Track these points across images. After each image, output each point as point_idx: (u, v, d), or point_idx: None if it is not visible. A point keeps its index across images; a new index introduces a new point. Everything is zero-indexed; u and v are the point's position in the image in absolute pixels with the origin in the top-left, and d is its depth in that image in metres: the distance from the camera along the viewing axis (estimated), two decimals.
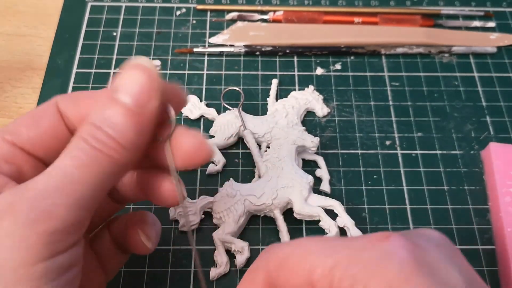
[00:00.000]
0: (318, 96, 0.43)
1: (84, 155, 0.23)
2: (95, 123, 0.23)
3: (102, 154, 0.23)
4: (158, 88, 0.24)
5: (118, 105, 0.23)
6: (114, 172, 0.24)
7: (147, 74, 0.23)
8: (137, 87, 0.23)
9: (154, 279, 0.35)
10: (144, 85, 0.23)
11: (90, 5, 0.50)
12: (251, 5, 0.51)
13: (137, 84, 0.23)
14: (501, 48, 0.49)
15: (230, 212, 0.35)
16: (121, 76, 0.24)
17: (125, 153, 0.23)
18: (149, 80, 0.23)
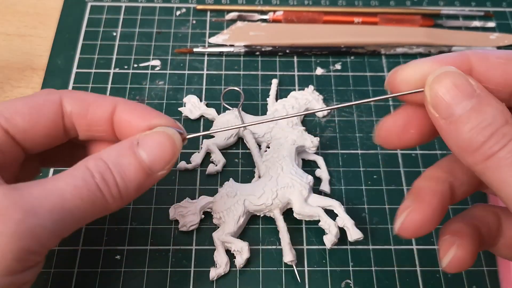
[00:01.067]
0: (318, 96, 0.43)
1: (86, 189, 0.23)
2: (108, 164, 0.24)
3: (101, 195, 0.24)
4: (173, 163, 0.26)
5: (136, 159, 0.25)
6: (99, 214, 0.25)
7: (173, 150, 0.26)
8: (159, 155, 0.25)
9: (154, 279, 0.35)
10: (166, 157, 0.25)
11: (90, 5, 0.50)
12: (251, 5, 0.51)
13: (161, 152, 0.25)
14: (501, 48, 0.49)
15: (230, 212, 0.35)
16: (151, 137, 0.25)
17: (118, 203, 0.25)
18: (172, 155, 0.26)
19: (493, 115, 0.20)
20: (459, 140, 0.20)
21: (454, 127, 0.20)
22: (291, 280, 0.35)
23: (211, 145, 0.40)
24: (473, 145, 0.20)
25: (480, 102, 0.20)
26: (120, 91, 0.44)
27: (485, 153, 0.20)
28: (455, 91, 0.20)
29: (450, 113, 0.20)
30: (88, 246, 0.36)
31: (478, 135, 0.20)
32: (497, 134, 0.20)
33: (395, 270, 0.36)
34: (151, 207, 0.38)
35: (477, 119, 0.20)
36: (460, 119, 0.20)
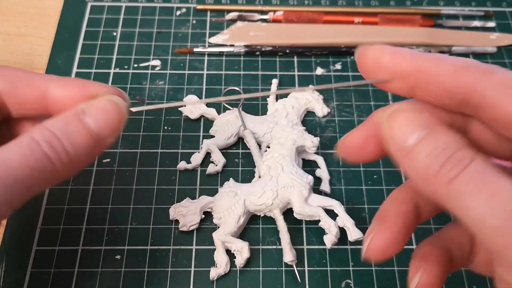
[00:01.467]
0: (318, 96, 0.43)
1: (33, 157, 0.23)
2: (56, 133, 0.24)
3: (50, 163, 0.24)
4: (120, 130, 0.26)
5: (83, 127, 0.25)
6: (50, 181, 0.25)
7: (120, 117, 0.26)
8: (106, 122, 0.25)
9: (154, 279, 0.35)
10: (113, 124, 0.25)
11: (90, 5, 0.50)
12: (251, 5, 0.51)
13: (108, 119, 0.25)
14: (501, 48, 0.49)
15: (230, 212, 0.35)
16: (96, 105, 0.25)
17: (69, 170, 0.25)
18: (118, 122, 0.26)
19: (446, 141, 0.20)
20: (417, 169, 0.20)
21: (410, 157, 0.21)
22: (291, 280, 0.35)
23: (211, 145, 0.40)
24: (430, 172, 0.20)
25: (433, 131, 0.21)
26: None
27: (443, 179, 0.19)
28: (409, 123, 0.21)
29: (405, 144, 0.21)
30: (88, 246, 0.36)
31: (434, 161, 0.20)
32: (453, 158, 0.19)
33: (395, 270, 0.36)
34: (151, 207, 0.38)
35: (430, 145, 0.20)
36: (415, 148, 0.20)
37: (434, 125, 0.21)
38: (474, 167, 0.19)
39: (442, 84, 0.22)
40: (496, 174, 0.19)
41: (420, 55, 0.23)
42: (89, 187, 0.39)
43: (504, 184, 0.18)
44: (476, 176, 0.19)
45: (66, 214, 0.37)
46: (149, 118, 0.42)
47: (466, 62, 0.22)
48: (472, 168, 0.19)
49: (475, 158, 0.19)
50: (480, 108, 0.22)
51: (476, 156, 0.20)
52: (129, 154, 0.40)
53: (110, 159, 0.40)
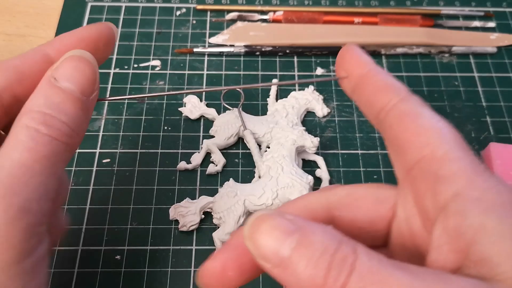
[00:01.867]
0: (318, 96, 0.43)
1: (40, 146, 0.22)
2: (45, 111, 0.23)
3: (58, 142, 0.23)
4: (98, 79, 0.25)
5: (66, 94, 0.24)
6: (68, 158, 0.24)
7: (90, 66, 0.25)
8: (83, 78, 0.24)
9: (154, 279, 0.35)
10: (89, 75, 0.24)
11: (90, 5, 0.50)
12: (251, 5, 0.51)
13: (83, 75, 0.24)
14: (501, 48, 0.49)
15: (230, 212, 0.35)
16: (63, 67, 0.24)
17: (77, 138, 0.24)
18: (92, 71, 0.25)
19: (322, 242, 0.17)
20: (301, 283, 0.17)
21: (290, 271, 0.17)
22: None
23: (211, 145, 0.40)
24: (317, 283, 0.17)
25: (304, 234, 0.18)
26: (120, 91, 0.44)
27: (335, 284, 0.17)
28: (275, 232, 0.18)
29: (279, 258, 0.18)
30: (88, 246, 0.36)
31: (316, 270, 0.17)
32: (335, 261, 0.17)
33: None
34: (151, 207, 0.38)
35: (307, 252, 0.17)
36: (291, 259, 0.17)
37: (303, 225, 0.18)
38: (361, 266, 0.17)
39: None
40: (385, 267, 0.17)
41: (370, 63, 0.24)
42: (89, 187, 0.39)
43: (398, 278, 0.16)
44: (366, 277, 0.17)
45: (66, 214, 0.37)
46: (149, 118, 0.42)
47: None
48: (359, 269, 0.17)
49: (358, 254, 0.17)
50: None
51: (358, 251, 0.17)
52: (129, 154, 0.40)
53: (110, 159, 0.40)
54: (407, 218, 0.22)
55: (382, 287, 0.16)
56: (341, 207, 0.23)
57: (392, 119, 0.22)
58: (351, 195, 0.23)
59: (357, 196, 0.23)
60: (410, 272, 0.17)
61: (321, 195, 0.24)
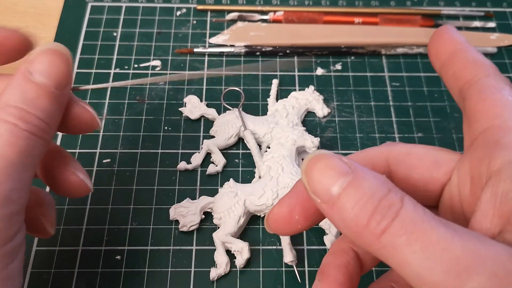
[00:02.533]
0: (319, 97, 0.43)
1: (20, 140, 0.23)
2: (22, 106, 0.24)
3: (35, 137, 0.24)
4: (71, 72, 0.26)
5: (41, 89, 0.24)
6: (44, 150, 0.25)
7: (65, 60, 0.25)
8: (58, 73, 0.25)
9: (154, 279, 0.35)
10: (64, 70, 0.25)
11: (91, 5, 0.50)
12: (251, 5, 0.51)
13: (58, 69, 0.25)
14: (501, 49, 0.49)
15: (230, 212, 0.35)
16: (38, 61, 0.25)
17: (52, 133, 0.25)
18: (67, 65, 0.25)
19: (372, 187, 0.18)
20: (346, 221, 0.18)
21: (337, 209, 0.19)
22: (291, 281, 0.35)
23: (212, 146, 0.40)
24: (360, 224, 0.18)
25: (356, 177, 0.19)
26: (120, 91, 0.44)
27: (374, 231, 0.18)
28: (329, 171, 0.19)
29: (329, 195, 0.19)
30: (88, 246, 0.36)
31: (361, 212, 0.18)
32: (381, 207, 0.18)
33: None
34: (151, 207, 0.38)
35: (356, 193, 0.18)
36: (340, 198, 0.19)
37: (356, 168, 0.19)
38: (405, 215, 0.17)
39: None
40: (428, 220, 0.17)
41: None
42: None
43: (439, 232, 0.17)
44: (408, 225, 0.17)
45: (66, 214, 0.37)
46: (149, 118, 0.42)
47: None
48: (403, 216, 0.17)
49: (404, 204, 0.18)
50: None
51: (405, 201, 0.18)
52: (129, 155, 0.40)
53: (110, 160, 0.40)
54: (460, 183, 0.22)
55: (422, 238, 0.17)
56: (399, 163, 0.24)
57: (474, 90, 0.23)
58: (412, 153, 0.24)
59: (417, 155, 0.24)
60: (452, 229, 0.17)
61: (382, 149, 0.25)
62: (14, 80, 0.24)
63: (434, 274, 0.16)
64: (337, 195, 0.19)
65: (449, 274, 0.16)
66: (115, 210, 0.38)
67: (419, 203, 0.18)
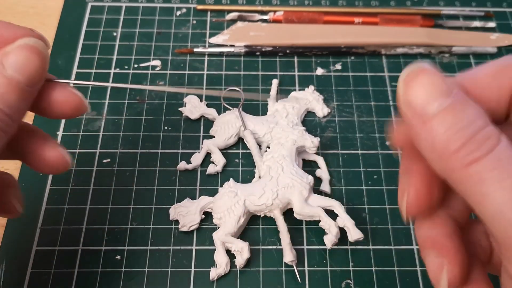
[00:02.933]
0: (319, 97, 0.43)
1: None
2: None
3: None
4: (46, 69, 0.25)
5: (12, 85, 0.24)
6: (5, 144, 0.25)
7: (42, 58, 0.25)
8: (32, 70, 0.24)
9: (154, 279, 0.35)
10: (38, 67, 0.25)
11: (90, 5, 0.50)
12: (251, 5, 0.51)
13: (32, 66, 0.24)
14: (501, 48, 0.49)
15: (230, 212, 0.35)
16: (14, 54, 0.24)
17: (15, 127, 0.25)
18: (42, 63, 0.25)
19: (471, 116, 0.18)
20: (433, 143, 0.18)
21: (428, 127, 0.18)
22: (291, 280, 0.35)
23: (211, 146, 0.40)
24: (450, 149, 0.17)
25: (458, 101, 0.18)
26: (120, 91, 0.44)
27: (462, 160, 0.17)
28: (431, 88, 0.18)
29: (424, 111, 0.18)
30: (88, 246, 0.36)
31: (455, 136, 0.17)
32: (477, 138, 0.17)
33: (395, 270, 0.36)
34: (152, 207, 0.38)
35: (454, 118, 0.18)
36: (435, 118, 0.18)
37: (460, 95, 0.18)
38: (501, 151, 0.17)
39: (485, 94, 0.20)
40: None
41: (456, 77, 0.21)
42: (89, 187, 0.39)
43: None
44: (502, 161, 0.17)
45: (66, 214, 0.37)
46: (149, 118, 0.42)
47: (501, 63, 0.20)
48: (498, 152, 0.17)
49: (501, 141, 0.17)
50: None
51: (502, 138, 0.17)
52: (129, 154, 0.40)
53: (110, 159, 0.40)
54: None
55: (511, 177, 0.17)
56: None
57: None
58: None
59: None
60: None
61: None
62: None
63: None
64: (432, 114, 0.18)
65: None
66: (115, 210, 0.38)
67: None
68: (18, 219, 0.37)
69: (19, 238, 0.36)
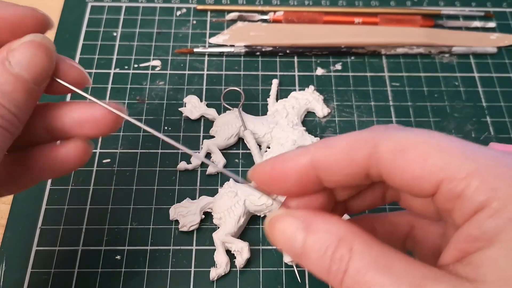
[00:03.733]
0: (319, 97, 0.43)
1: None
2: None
3: (5, 131, 0.23)
4: (53, 67, 0.24)
5: (19, 82, 0.23)
6: (10, 144, 0.24)
7: (48, 55, 0.24)
8: (39, 67, 0.23)
9: (154, 279, 0.35)
10: (45, 65, 0.24)
11: (91, 5, 0.50)
12: (251, 5, 0.51)
13: (39, 64, 0.24)
14: (501, 49, 0.49)
15: (230, 212, 0.35)
16: (21, 50, 0.23)
17: (21, 127, 0.24)
18: (49, 61, 0.24)
19: (325, 237, 0.20)
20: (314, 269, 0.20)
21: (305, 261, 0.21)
22: (291, 280, 0.35)
23: (211, 146, 0.40)
24: (325, 272, 0.20)
25: (312, 228, 0.21)
26: (120, 91, 0.44)
27: (336, 277, 0.19)
28: (287, 229, 0.21)
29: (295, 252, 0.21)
30: (88, 246, 0.36)
31: (321, 266, 0.20)
32: (335, 257, 0.19)
33: None
34: (151, 207, 0.38)
35: (315, 246, 0.20)
36: (304, 252, 0.20)
37: (311, 220, 0.21)
38: (354, 263, 0.19)
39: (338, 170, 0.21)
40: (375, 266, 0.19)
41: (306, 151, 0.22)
42: (89, 187, 0.39)
43: (379, 280, 0.18)
44: (356, 274, 0.19)
45: (66, 214, 0.37)
46: (149, 119, 0.42)
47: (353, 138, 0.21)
48: (353, 265, 0.19)
49: (353, 252, 0.19)
50: (383, 177, 0.21)
51: (354, 248, 0.19)
52: (129, 155, 0.40)
53: (110, 160, 0.40)
54: None
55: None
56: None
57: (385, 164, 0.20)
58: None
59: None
60: (395, 274, 0.18)
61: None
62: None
63: None
64: (300, 252, 0.21)
65: None
66: (115, 210, 0.38)
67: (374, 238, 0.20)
68: (18, 219, 0.37)
69: (19, 238, 0.36)
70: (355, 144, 0.21)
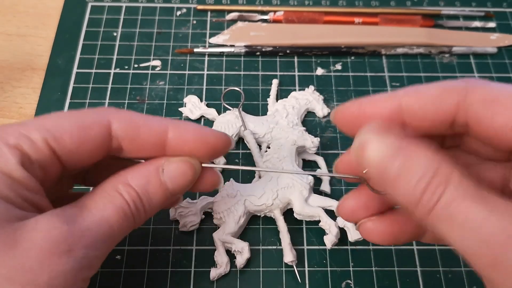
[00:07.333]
0: (319, 97, 0.43)
1: (125, 218, 0.26)
2: (138, 192, 0.26)
3: (133, 220, 0.26)
4: (191, 186, 0.28)
5: (162, 187, 0.27)
6: (129, 232, 0.27)
7: (193, 178, 0.27)
8: (181, 183, 0.27)
9: (154, 279, 0.35)
10: (186, 185, 0.27)
11: (91, 5, 0.50)
12: (251, 5, 0.51)
13: (183, 181, 0.27)
14: (501, 49, 0.49)
15: (230, 212, 0.35)
16: (176, 166, 0.27)
17: (145, 219, 0.27)
18: (191, 183, 0.28)
19: (422, 167, 0.20)
20: (401, 196, 0.21)
21: (393, 186, 0.21)
22: (291, 280, 0.35)
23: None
24: (414, 200, 0.20)
25: (408, 156, 0.20)
26: (120, 91, 0.44)
27: (425, 207, 0.20)
28: (382, 151, 0.21)
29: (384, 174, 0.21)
30: None
31: (415, 189, 0.20)
32: (431, 185, 0.19)
33: (395, 270, 0.36)
34: None
35: (408, 174, 0.20)
36: (396, 177, 0.20)
37: (408, 147, 0.21)
38: (449, 193, 0.19)
39: (426, 116, 0.22)
40: (471, 197, 0.19)
41: (395, 95, 0.23)
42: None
43: (475, 211, 0.18)
44: (450, 203, 0.19)
45: None
46: None
47: (443, 87, 0.22)
48: (447, 195, 0.19)
49: (450, 181, 0.19)
50: (468, 126, 0.22)
51: (452, 177, 0.19)
52: None
53: None
54: None
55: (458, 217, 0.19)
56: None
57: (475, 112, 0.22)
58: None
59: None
60: (490, 206, 0.19)
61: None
62: (146, 167, 0.27)
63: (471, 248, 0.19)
64: (393, 175, 0.20)
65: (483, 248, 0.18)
66: None
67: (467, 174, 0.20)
68: None
69: None
70: (445, 92, 0.22)
